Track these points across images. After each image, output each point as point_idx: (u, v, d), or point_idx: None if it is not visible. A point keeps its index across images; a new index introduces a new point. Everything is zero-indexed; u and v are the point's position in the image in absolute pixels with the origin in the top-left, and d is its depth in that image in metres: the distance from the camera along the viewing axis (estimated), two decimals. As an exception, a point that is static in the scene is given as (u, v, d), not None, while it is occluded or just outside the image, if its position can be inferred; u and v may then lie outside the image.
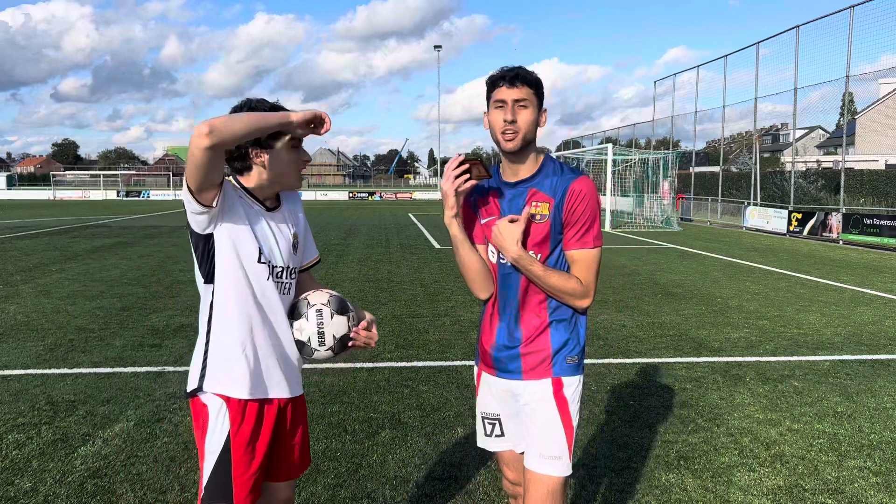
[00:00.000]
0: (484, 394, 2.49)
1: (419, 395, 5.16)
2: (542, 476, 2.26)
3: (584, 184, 2.24)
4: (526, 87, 2.21)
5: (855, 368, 6.00)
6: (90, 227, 22.90)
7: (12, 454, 4.03)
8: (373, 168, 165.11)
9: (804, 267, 13.19)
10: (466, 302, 8.94)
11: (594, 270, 2.27)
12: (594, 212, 2.24)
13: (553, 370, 2.29)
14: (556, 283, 2.23)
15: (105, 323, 7.54)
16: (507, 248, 2.23)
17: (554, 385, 2.29)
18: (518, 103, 2.21)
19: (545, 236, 2.26)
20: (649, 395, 5.22)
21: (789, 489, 3.66)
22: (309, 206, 43.46)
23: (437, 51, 67.11)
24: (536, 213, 2.26)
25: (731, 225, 25.71)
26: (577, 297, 2.26)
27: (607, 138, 38.05)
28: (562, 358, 2.30)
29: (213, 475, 2.19)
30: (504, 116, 2.22)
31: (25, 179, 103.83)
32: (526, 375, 2.32)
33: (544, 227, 2.25)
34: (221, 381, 2.20)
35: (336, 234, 20.08)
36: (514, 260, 2.24)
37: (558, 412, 2.28)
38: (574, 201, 2.22)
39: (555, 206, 2.24)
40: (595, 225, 2.25)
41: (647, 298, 9.39)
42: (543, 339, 2.30)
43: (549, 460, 2.27)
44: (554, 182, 2.26)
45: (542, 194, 2.26)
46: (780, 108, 32.14)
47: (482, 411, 2.51)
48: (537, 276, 2.23)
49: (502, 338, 2.35)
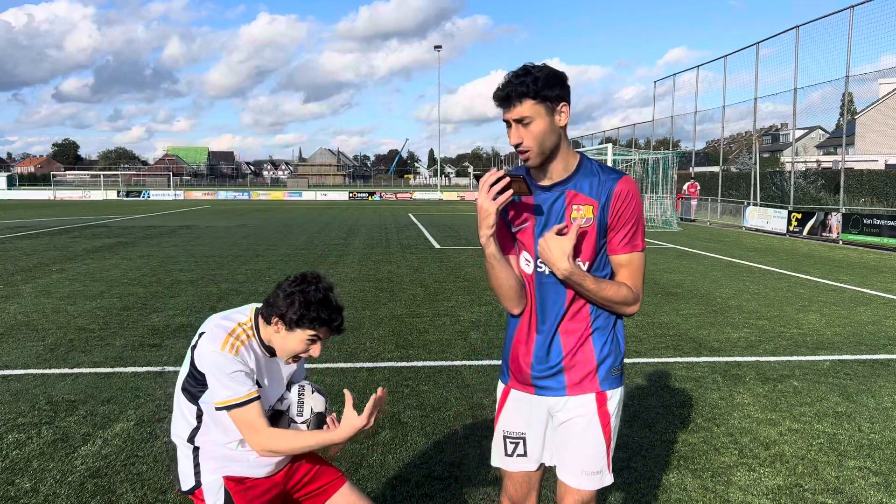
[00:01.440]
0: (510, 411, 2.33)
1: (419, 395, 5.16)
2: (581, 491, 2.21)
3: (629, 184, 2.10)
4: (524, 102, 2.02)
5: (855, 368, 6.00)
6: (90, 227, 22.90)
7: (13, 454, 4.03)
8: (373, 168, 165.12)
9: (804, 267, 13.19)
10: (466, 302, 8.94)
11: (642, 274, 2.15)
12: (640, 213, 2.13)
13: (598, 384, 2.18)
14: (611, 295, 2.10)
15: (105, 323, 7.54)
16: (558, 264, 2.04)
17: (598, 399, 2.18)
18: (520, 123, 2.05)
19: (589, 241, 2.11)
20: (649, 395, 5.22)
21: (789, 489, 3.66)
22: (309, 206, 43.48)
23: (437, 51, 67.12)
24: (580, 218, 2.09)
25: (730, 225, 25.71)
26: (629, 305, 2.14)
27: (607, 138, 38.03)
28: (606, 370, 2.18)
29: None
30: (510, 141, 2.09)
31: (26, 179, 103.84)
32: (570, 391, 2.18)
33: (590, 231, 2.10)
34: (219, 468, 2.33)
35: (336, 234, 20.08)
36: (565, 276, 2.06)
37: (601, 428, 2.19)
38: (621, 203, 2.08)
39: (600, 208, 2.09)
40: (641, 226, 2.13)
41: (647, 298, 9.39)
42: (587, 352, 2.17)
43: (591, 476, 2.20)
44: (595, 183, 2.10)
45: (583, 196, 2.10)
46: (780, 108, 32.18)
47: (505, 430, 2.35)
48: (590, 290, 2.08)
49: (542, 352, 2.20)
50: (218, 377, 2.18)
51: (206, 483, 2.31)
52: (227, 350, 2.20)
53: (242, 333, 2.27)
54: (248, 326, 2.30)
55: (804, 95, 21.97)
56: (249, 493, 2.29)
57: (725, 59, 26.46)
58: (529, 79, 2.02)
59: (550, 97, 2.03)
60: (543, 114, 2.04)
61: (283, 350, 2.30)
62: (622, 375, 2.24)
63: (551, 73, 2.06)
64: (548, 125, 2.05)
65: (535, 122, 2.04)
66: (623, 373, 2.25)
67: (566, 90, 2.08)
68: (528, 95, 2.02)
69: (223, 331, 2.25)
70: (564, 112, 2.07)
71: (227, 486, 2.29)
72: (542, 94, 2.02)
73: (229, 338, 2.23)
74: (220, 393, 2.18)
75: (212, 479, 2.30)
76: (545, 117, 2.04)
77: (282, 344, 2.28)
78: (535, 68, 2.06)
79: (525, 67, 2.06)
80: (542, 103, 2.03)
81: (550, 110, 2.04)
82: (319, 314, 2.22)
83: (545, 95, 2.02)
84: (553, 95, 2.04)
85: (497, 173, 2.03)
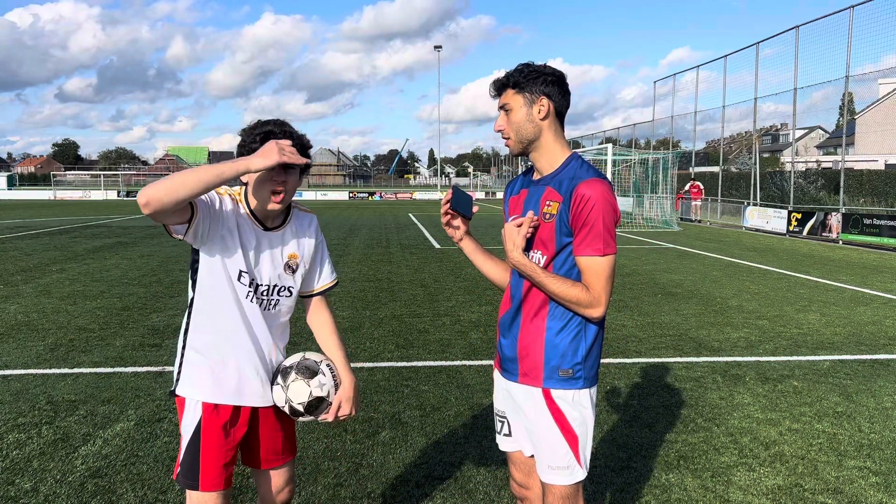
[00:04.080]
0: (496, 390, 2.47)
1: (419, 395, 5.17)
2: (554, 485, 2.25)
3: (592, 187, 2.10)
4: (506, 91, 2.21)
5: (854, 368, 6.00)
6: (91, 227, 22.90)
7: (13, 454, 4.03)
8: (373, 168, 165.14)
9: (804, 267, 13.19)
10: (466, 302, 8.95)
11: (604, 279, 2.13)
12: (603, 217, 2.10)
13: (542, 380, 2.22)
14: (557, 290, 2.14)
15: (105, 323, 7.54)
16: (508, 252, 2.20)
17: (545, 394, 2.22)
18: (502, 109, 2.23)
19: (549, 236, 2.18)
20: (649, 395, 5.22)
21: (789, 489, 3.66)
22: (309, 207, 43.41)
23: (438, 51, 67.15)
24: (547, 213, 2.19)
25: (730, 225, 25.71)
26: (583, 307, 2.14)
27: (607, 138, 38.06)
28: (553, 370, 2.20)
29: (184, 460, 2.32)
30: (494, 126, 2.26)
31: (26, 179, 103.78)
32: (521, 379, 2.27)
33: (550, 226, 2.18)
34: (194, 385, 2.33)
35: (336, 234, 20.07)
36: (513, 265, 2.21)
37: (555, 422, 2.21)
38: (580, 205, 2.10)
39: (561, 206, 2.15)
40: (603, 231, 2.10)
41: (647, 298, 9.39)
42: (537, 346, 2.22)
43: (557, 470, 2.23)
44: (567, 181, 2.18)
45: (555, 192, 2.19)
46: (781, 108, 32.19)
47: (495, 407, 2.48)
48: (538, 282, 2.17)
49: (505, 334, 2.33)
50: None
51: (187, 399, 2.32)
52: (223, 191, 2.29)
53: (231, 190, 2.31)
54: (239, 191, 2.33)
55: (804, 95, 22.01)
56: (219, 421, 2.31)
57: (725, 59, 26.48)
58: (514, 71, 2.22)
59: (529, 89, 2.18)
60: (521, 104, 2.20)
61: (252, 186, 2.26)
62: (578, 379, 2.20)
63: (538, 68, 2.21)
64: (525, 115, 2.20)
65: (514, 110, 2.21)
66: (581, 377, 2.21)
67: (551, 87, 2.20)
68: (509, 85, 2.21)
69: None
70: (543, 105, 2.19)
71: (203, 411, 2.30)
72: (521, 84, 2.19)
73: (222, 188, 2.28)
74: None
75: (191, 399, 2.31)
76: (523, 107, 2.20)
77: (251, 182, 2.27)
78: (527, 64, 2.22)
79: (521, 63, 2.24)
80: (520, 93, 2.20)
81: (529, 101, 2.19)
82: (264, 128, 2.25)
83: (524, 86, 2.19)
84: (532, 88, 2.18)
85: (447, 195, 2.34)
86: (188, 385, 2.33)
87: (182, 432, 2.34)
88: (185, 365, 2.34)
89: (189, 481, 2.31)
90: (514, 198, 2.36)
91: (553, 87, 2.18)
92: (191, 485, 2.31)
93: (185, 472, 2.31)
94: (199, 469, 2.29)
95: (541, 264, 2.20)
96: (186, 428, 2.33)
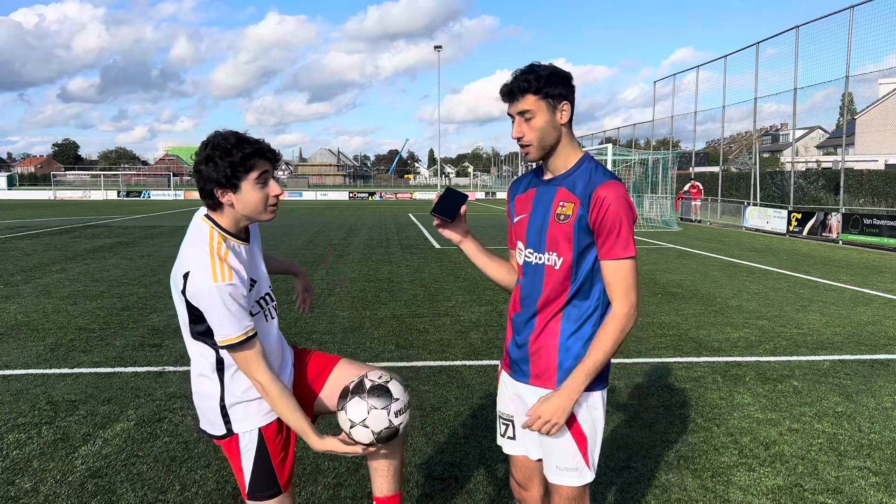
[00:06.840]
0: (502, 393, 2.43)
1: (419, 395, 5.16)
2: (561, 486, 2.24)
3: (610, 189, 2.09)
4: (527, 97, 2.10)
5: (854, 368, 6.00)
6: (91, 227, 22.90)
7: (13, 454, 4.03)
8: (373, 168, 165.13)
9: (804, 267, 13.19)
10: (466, 302, 8.95)
11: (629, 283, 2.12)
12: (623, 219, 2.09)
13: (556, 383, 2.20)
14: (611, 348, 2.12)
15: (106, 323, 7.54)
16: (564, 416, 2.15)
17: None
18: (522, 116, 2.13)
19: (566, 237, 2.14)
20: (649, 395, 5.22)
21: (789, 489, 3.66)
22: (309, 207, 43.47)
23: (438, 51, 67.07)
24: (561, 213, 2.15)
25: (730, 225, 25.71)
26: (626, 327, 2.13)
27: (607, 138, 38.03)
28: (566, 372, 2.18)
29: (254, 478, 2.31)
30: (512, 134, 2.16)
31: (26, 179, 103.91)
32: (532, 381, 2.25)
33: (567, 227, 2.14)
34: (248, 419, 2.31)
35: (336, 234, 20.08)
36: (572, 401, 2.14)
37: (566, 424, 2.19)
38: (601, 210, 2.08)
39: (580, 208, 2.12)
40: (623, 233, 2.09)
41: (647, 298, 9.39)
42: (551, 349, 2.20)
43: (566, 472, 2.22)
44: (583, 183, 2.14)
45: (569, 194, 2.15)
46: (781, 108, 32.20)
47: (499, 410, 2.45)
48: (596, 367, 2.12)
49: (517, 335, 2.29)
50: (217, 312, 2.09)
51: (241, 433, 2.30)
52: (221, 278, 2.07)
53: (217, 245, 2.14)
54: (214, 231, 2.19)
55: (804, 95, 21.99)
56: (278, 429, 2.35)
57: (725, 59, 26.47)
58: (533, 76, 2.11)
59: (552, 94, 2.11)
60: (545, 109, 2.12)
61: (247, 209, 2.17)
62: (595, 382, 2.18)
63: (555, 71, 2.14)
64: (548, 121, 2.13)
65: (537, 117, 2.12)
66: (598, 379, 2.19)
67: (569, 90, 2.16)
68: (531, 91, 2.10)
69: (205, 255, 2.11)
70: (565, 110, 2.15)
71: (265, 435, 2.31)
72: (544, 90, 2.10)
73: (214, 261, 2.10)
74: (220, 331, 2.10)
75: (246, 430, 2.29)
76: (546, 113, 2.12)
77: (243, 207, 2.17)
78: (540, 67, 2.15)
79: (531, 65, 2.15)
80: (543, 99, 2.11)
81: (552, 107, 2.13)
82: (243, 149, 2.11)
83: (547, 92, 2.11)
84: (555, 93, 2.12)
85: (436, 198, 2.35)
86: (240, 423, 2.30)
87: (241, 458, 2.32)
88: (232, 413, 2.29)
89: (268, 492, 2.33)
90: (521, 196, 2.33)
91: (570, 90, 2.16)
92: (272, 493, 2.34)
93: (260, 488, 2.32)
94: (276, 476, 2.34)
95: (556, 266, 2.18)
96: (246, 452, 2.31)
